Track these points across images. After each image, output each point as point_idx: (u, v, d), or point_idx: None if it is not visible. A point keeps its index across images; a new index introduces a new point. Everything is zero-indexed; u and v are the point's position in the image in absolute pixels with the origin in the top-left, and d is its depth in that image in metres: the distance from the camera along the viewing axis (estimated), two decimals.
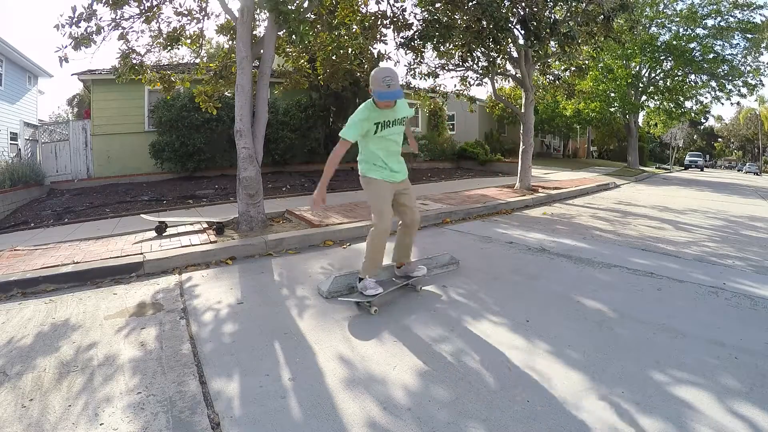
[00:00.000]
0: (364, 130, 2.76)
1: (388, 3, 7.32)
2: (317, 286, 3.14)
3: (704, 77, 19.22)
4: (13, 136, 12.61)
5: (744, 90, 18.62)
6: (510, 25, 7.32)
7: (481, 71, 9.25)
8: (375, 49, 8.02)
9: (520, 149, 9.09)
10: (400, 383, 1.97)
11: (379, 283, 2.88)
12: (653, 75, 20.43)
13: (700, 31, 18.30)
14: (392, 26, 7.49)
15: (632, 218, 6.42)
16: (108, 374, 2.06)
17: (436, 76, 9.64)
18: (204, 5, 6.21)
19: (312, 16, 6.18)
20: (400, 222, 3.11)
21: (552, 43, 8.31)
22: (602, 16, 7.65)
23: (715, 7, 17.67)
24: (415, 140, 3.48)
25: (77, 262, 3.68)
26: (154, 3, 5.56)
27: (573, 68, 10.37)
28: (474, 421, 1.70)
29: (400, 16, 7.49)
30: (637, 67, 19.99)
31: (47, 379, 2.02)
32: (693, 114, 21.36)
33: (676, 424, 1.68)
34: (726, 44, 18.21)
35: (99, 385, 1.96)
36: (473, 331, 2.50)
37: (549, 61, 9.91)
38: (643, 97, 20.42)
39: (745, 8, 17.26)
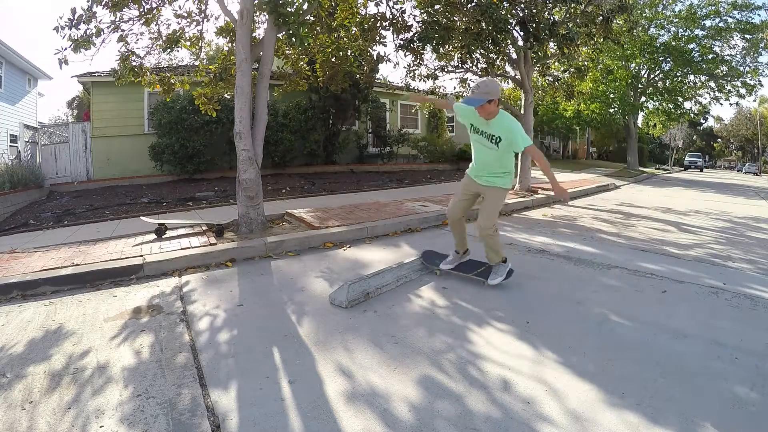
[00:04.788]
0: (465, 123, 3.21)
1: (388, 5, 7.32)
2: (329, 295, 3.01)
3: (703, 78, 19.27)
4: (13, 139, 12.60)
5: (743, 90, 18.67)
6: (509, 26, 7.32)
7: (480, 73, 9.27)
8: (374, 50, 8.01)
9: None
10: (400, 386, 1.97)
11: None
12: (652, 76, 20.45)
13: (698, 31, 18.34)
14: (391, 28, 7.49)
15: (635, 220, 6.42)
16: (108, 376, 2.05)
17: (436, 77, 9.65)
18: (203, 7, 6.21)
19: (311, 18, 6.18)
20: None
21: (551, 44, 8.32)
22: (601, 18, 7.67)
23: (713, 8, 17.71)
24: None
25: (77, 265, 3.67)
26: (154, 5, 5.56)
27: (572, 69, 10.38)
28: (476, 419, 1.70)
29: (400, 18, 7.48)
30: (637, 68, 20.01)
31: (47, 381, 2.01)
32: (692, 115, 21.39)
33: (676, 425, 1.68)
34: (725, 45, 18.25)
35: (99, 388, 1.96)
36: (473, 333, 2.50)
37: (548, 62, 9.92)
38: (643, 98, 20.44)
39: (744, 9, 17.31)
